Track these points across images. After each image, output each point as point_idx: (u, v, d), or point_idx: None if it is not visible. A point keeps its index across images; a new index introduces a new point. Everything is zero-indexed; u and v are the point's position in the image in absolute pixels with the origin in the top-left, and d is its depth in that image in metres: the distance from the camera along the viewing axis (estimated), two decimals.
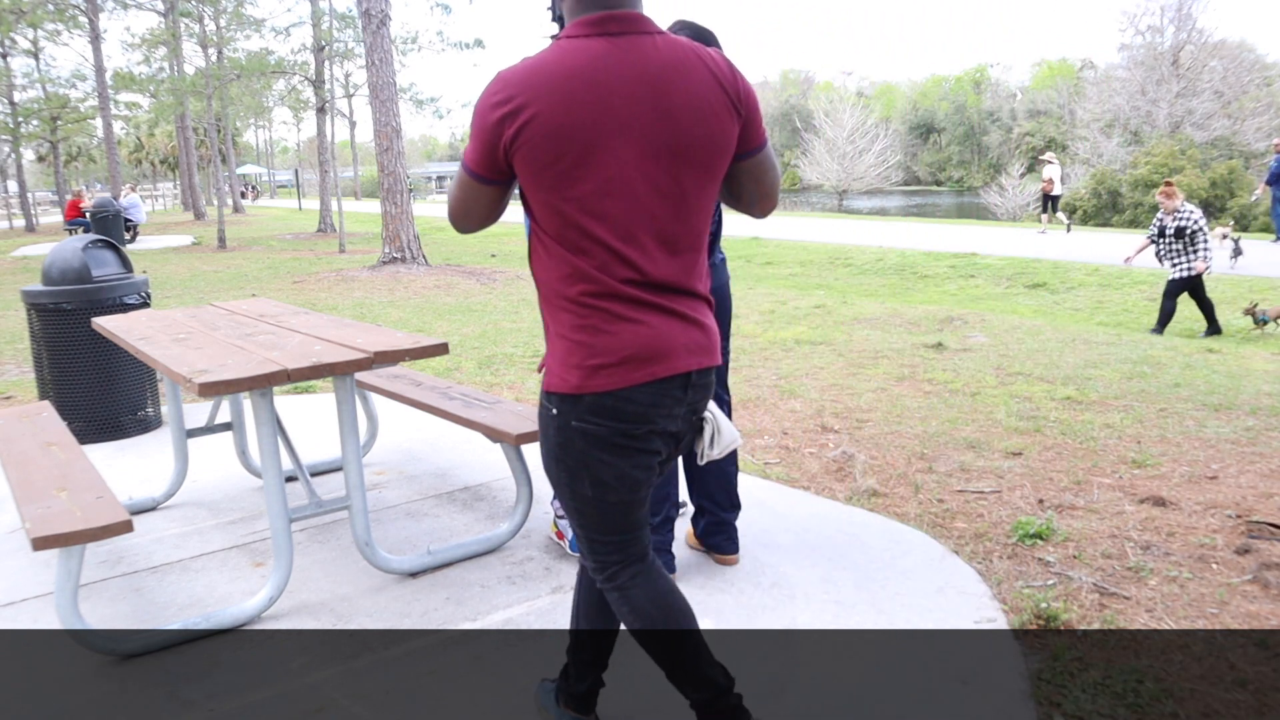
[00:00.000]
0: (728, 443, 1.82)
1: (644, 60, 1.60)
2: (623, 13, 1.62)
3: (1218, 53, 34.78)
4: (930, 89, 75.15)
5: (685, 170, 1.63)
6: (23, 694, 2.40)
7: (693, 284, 1.72)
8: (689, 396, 1.73)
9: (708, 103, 1.63)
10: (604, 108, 1.56)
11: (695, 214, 1.68)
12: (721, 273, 2.89)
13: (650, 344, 1.65)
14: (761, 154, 1.76)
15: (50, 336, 4.74)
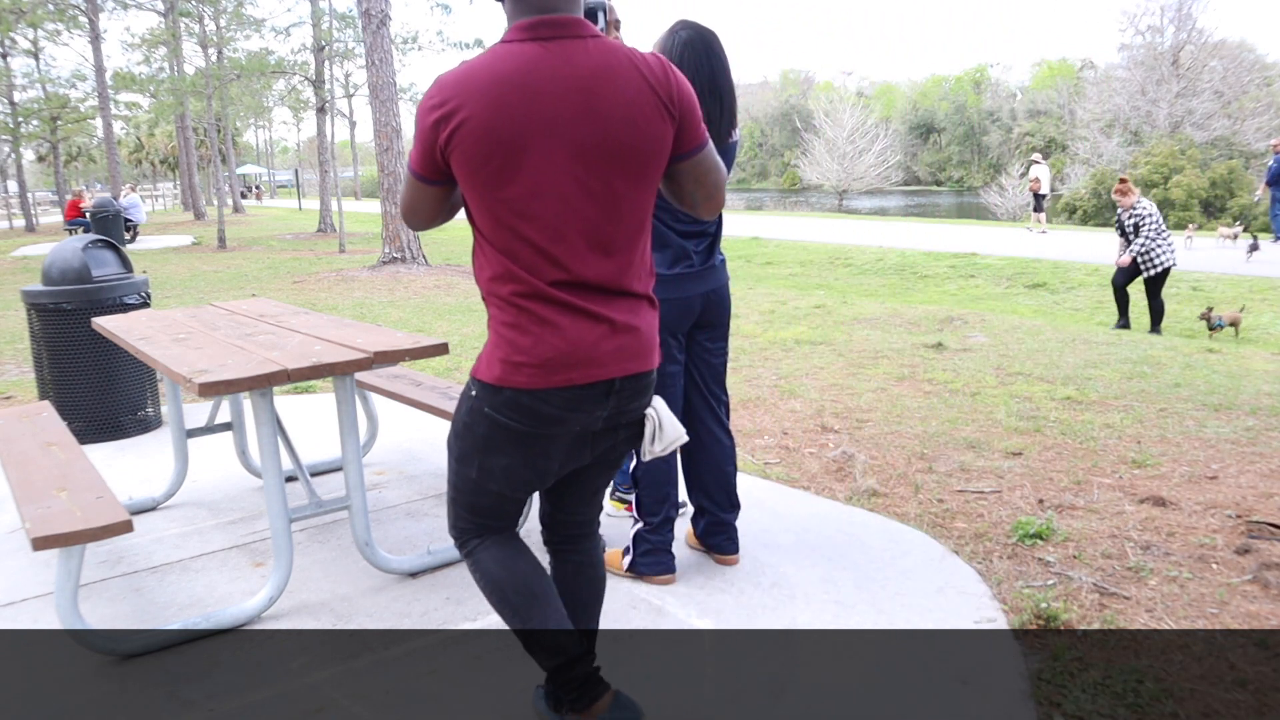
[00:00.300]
0: (670, 440, 1.84)
1: (574, 64, 1.63)
2: (555, 17, 1.65)
3: (1218, 53, 34.77)
4: (930, 89, 75.14)
5: (616, 172, 1.66)
6: (23, 694, 2.40)
7: (628, 285, 1.74)
8: (613, 402, 1.76)
9: (637, 106, 1.65)
10: (533, 111, 1.61)
11: (629, 216, 1.71)
12: (721, 273, 2.89)
13: (572, 349, 1.68)
14: (700, 155, 1.77)
15: (50, 336, 4.74)
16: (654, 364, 1.79)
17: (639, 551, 2.92)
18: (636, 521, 2.93)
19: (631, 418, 1.82)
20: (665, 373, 2.83)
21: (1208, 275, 11.19)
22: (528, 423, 1.72)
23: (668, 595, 2.84)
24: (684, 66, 2.67)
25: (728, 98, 2.72)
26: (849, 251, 15.44)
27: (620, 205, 1.68)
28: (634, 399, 1.79)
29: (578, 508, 1.98)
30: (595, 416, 1.75)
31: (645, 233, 1.76)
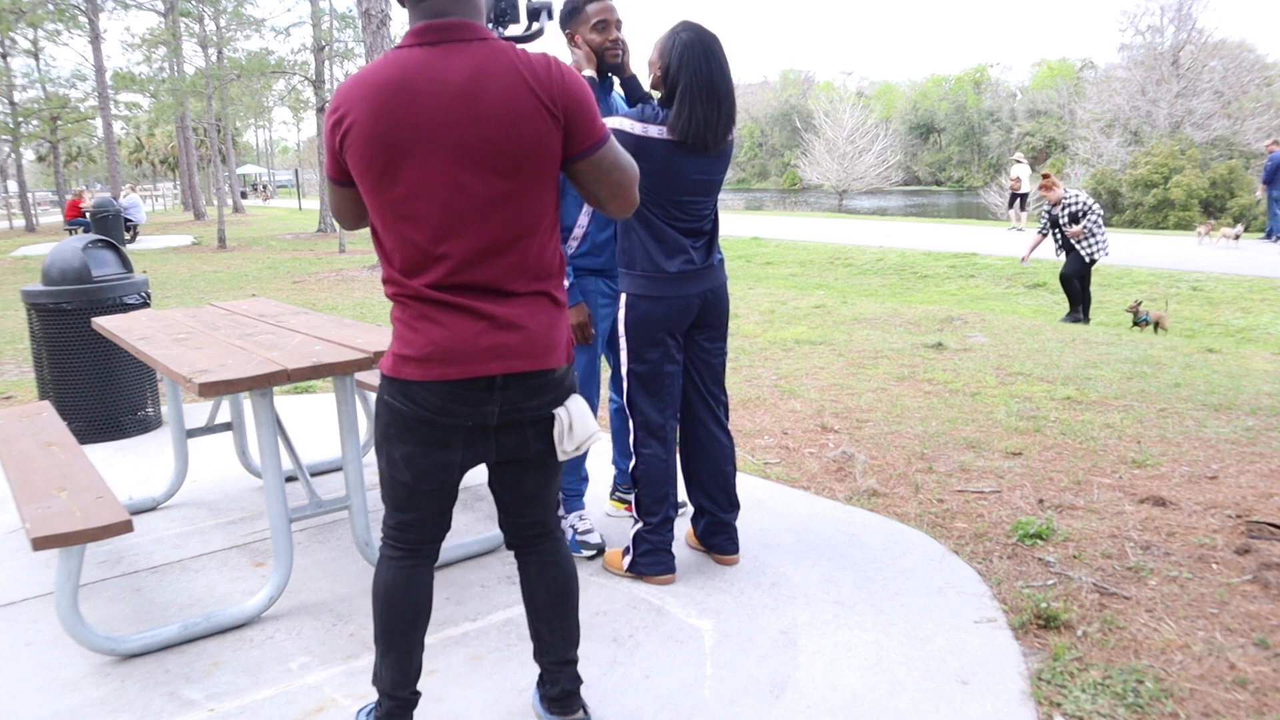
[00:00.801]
0: (580, 438, 1.86)
1: (455, 68, 1.67)
2: (441, 22, 1.70)
3: (1218, 53, 34.76)
4: (930, 89, 75.10)
5: (496, 174, 1.69)
6: (23, 694, 2.40)
7: (516, 284, 1.77)
8: (499, 398, 1.78)
9: (517, 109, 1.67)
10: (413, 115, 1.66)
11: (517, 216, 1.73)
12: (720, 273, 2.89)
13: (448, 346, 1.74)
14: (597, 154, 1.78)
15: (50, 336, 4.74)
16: (549, 364, 1.80)
17: (639, 551, 2.92)
18: (636, 521, 2.93)
19: (533, 416, 1.84)
20: (663, 372, 2.84)
21: (1207, 275, 11.19)
22: (418, 412, 1.79)
23: (668, 595, 2.84)
24: (682, 69, 2.67)
25: (725, 102, 2.71)
26: (849, 251, 15.44)
27: (504, 206, 1.71)
28: (528, 398, 1.81)
29: (523, 509, 1.99)
30: (484, 412, 1.79)
31: (540, 232, 1.77)
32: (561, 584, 2.05)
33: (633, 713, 2.23)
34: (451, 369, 1.74)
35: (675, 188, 2.72)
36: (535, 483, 1.96)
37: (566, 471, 3.19)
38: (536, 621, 2.07)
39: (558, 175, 1.78)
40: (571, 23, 2.95)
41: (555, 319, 1.83)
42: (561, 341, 1.84)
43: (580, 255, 3.04)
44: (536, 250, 1.78)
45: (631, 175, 1.84)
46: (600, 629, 2.64)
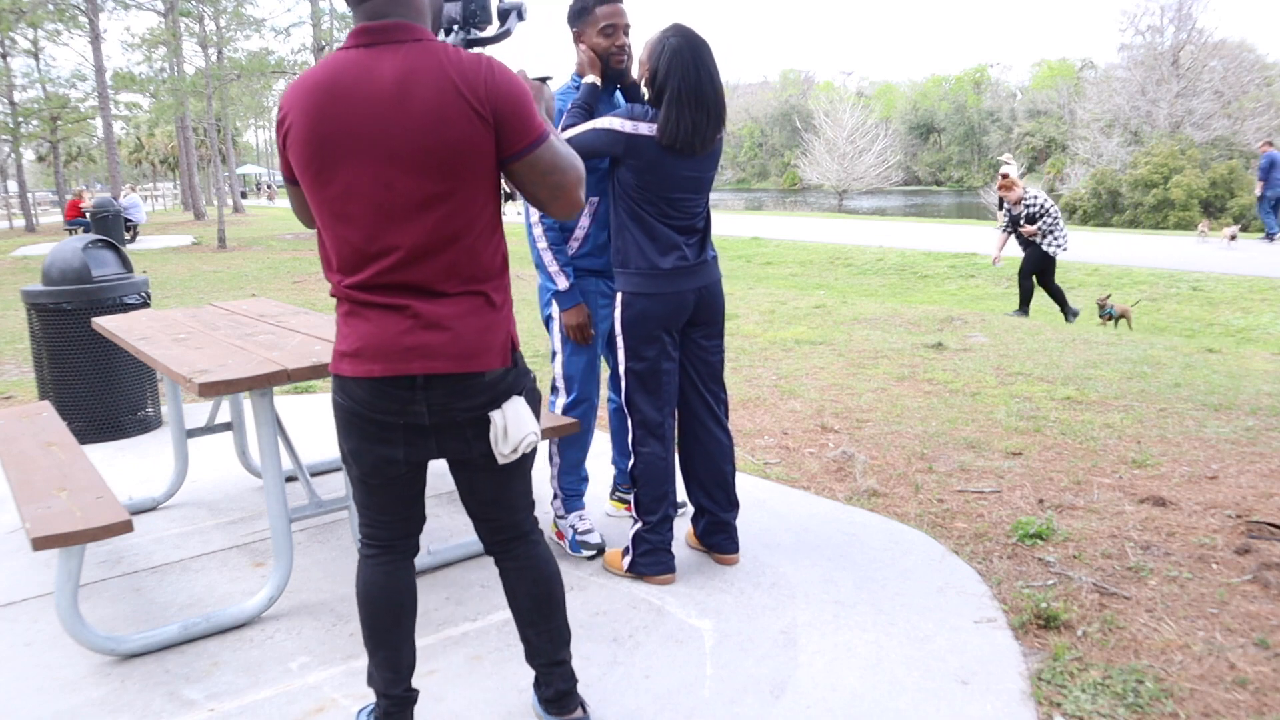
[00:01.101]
0: (515, 440, 1.83)
1: (386, 70, 1.68)
2: (377, 24, 1.71)
3: (1218, 53, 34.76)
4: (930, 89, 75.07)
5: (425, 176, 1.70)
6: (23, 694, 2.40)
7: (448, 285, 1.77)
8: (425, 397, 1.78)
9: (443, 111, 1.67)
10: (344, 117, 1.69)
11: (450, 219, 1.73)
12: (714, 269, 2.92)
13: (373, 343, 1.77)
14: (533, 155, 1.76)
15: (50, 336, 4.74)
16: (477, 366, 1.79)
17: (638, 551, 2.92)
18: (636, 521, 2.93)
19: (467, 417, 1.82)
20: (660, 369, 2.84)
21: (1207, 275, 11.19)
22: (354, 407, 1.83)
23: (668, 595, 2.84)
24: (670, 75, 2.68)
25: (714, 107, 2.73)
26: (849, 251, 15.44)
27: (436, 208, 1.71)
28: (457, 400, 1.80)
29: (488, 513, 1.99)
30: (412, 410, 1.80)
31: (476, 234, 1.77)
32: (542, 587, 2.04)
33: (633, 713, 2.23)
34: (376, 365, 1.77)
35: (666, 185, 2.74)
36: (491, 485, 1.95)
37: (566, 471, 3.19)
38: (523, 625, 2.07)
39: (494, 177, 1.78)
40: (579, 22, 2.94)
41: (490, 322, 1.82)
42: (496, 344, 1.82)
43: (581, 256, 3.04)
44: (472, 252, 1.78)
45: (573, 177, 1.82)
46: (600, 629, 2.64)
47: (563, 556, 3.16)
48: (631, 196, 2.76)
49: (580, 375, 3.09)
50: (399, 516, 1.98)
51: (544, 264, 2.99)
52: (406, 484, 1.93)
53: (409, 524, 2.00)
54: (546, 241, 2.97)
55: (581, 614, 2.74)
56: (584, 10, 2.91)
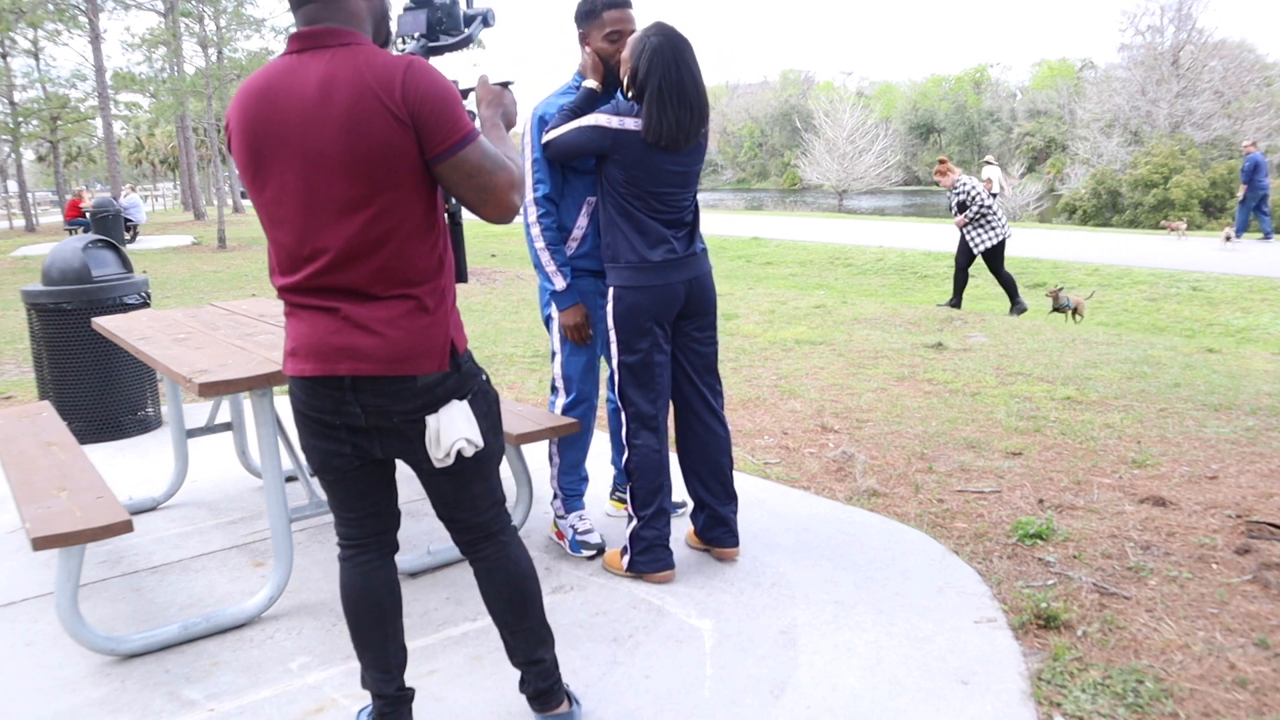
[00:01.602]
0: (447, 445, 1.80)
1: (311, 75, 1.70)
2: (308, 29, 1.74)
3: (1218, 53, 34.75)
4: (930, 89, 75.04)
5: (348, 180, 1.70)
6: (23, 694, 2.40)
7: (379, 290, 1.76)
8: (357, 399, 1.79)
9: (359, 114, 1.67)
10: (275, 122, 1.71)
11: (377, 222, 1.72)
12: (704, 261, 2.94)
13: (305, 343, 1.80)
14: (457, 156, 1.73)
15: (50, 336, 4.74)
16: (407, 370, 1.77)
17: (636, 550, 2.92)
18: (632, 519, 2.93)
19: (402, 420, 1.81)
20: (652, 362, 2.85)
21: (1207, 275, 11.19)
22: (298, 404, 1.86)
23: (668, 595, 2.84)
24: (651, 73, 2.70)
25: (696, 104, 2.75)
26: (849, 251, 15.44)
27: (361, 211, 1.71)
28: (390, 403, 1.79)
29: (451, 514, 1.98)
30: (346, 411, 1.81)
31: (406, 237, 1.75)
32: (514, 586, 2.02)
33: (633, 713, 2.23)
34: (308, 365, 1.79)
35: (653, 180, 2.77)
36: (447, 488, 1.93)
37: (565, 471, 3.19)
38: (498, 624, 2.05)
39: (424, 179, 1.75)
40: (586, 24, 2.94)
41: (423, 325, 1.79)
42: (432, 348, 1.80)
43: (579, 256, 3.04)
44: (403, 255, 1.76)
45: (502, 179, 1.77)
46: (600, 629, 2.64)
47: (563, 556, 3.16)
48: (619, 192, 2.79)
49: (579, 375, 3.09)
50: (365, 512, 1.98)
51: (541, 264, 2.99)
52: (362, 478, 1.93)
53: (379, 520, 2.00)
54: (544, 242, 2.97)
55: (581, 614, 2.74)
56: (591, 13, 2.91)
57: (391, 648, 2.02)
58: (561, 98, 3.00)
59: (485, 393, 1.93)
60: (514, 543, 2.04)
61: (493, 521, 2.00)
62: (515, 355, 6.88)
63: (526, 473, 3.23)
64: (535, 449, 4.17)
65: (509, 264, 14.54)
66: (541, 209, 2.96)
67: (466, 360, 1.88)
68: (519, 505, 3.23)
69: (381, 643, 2.01)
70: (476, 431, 1.84)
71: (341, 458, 1.88)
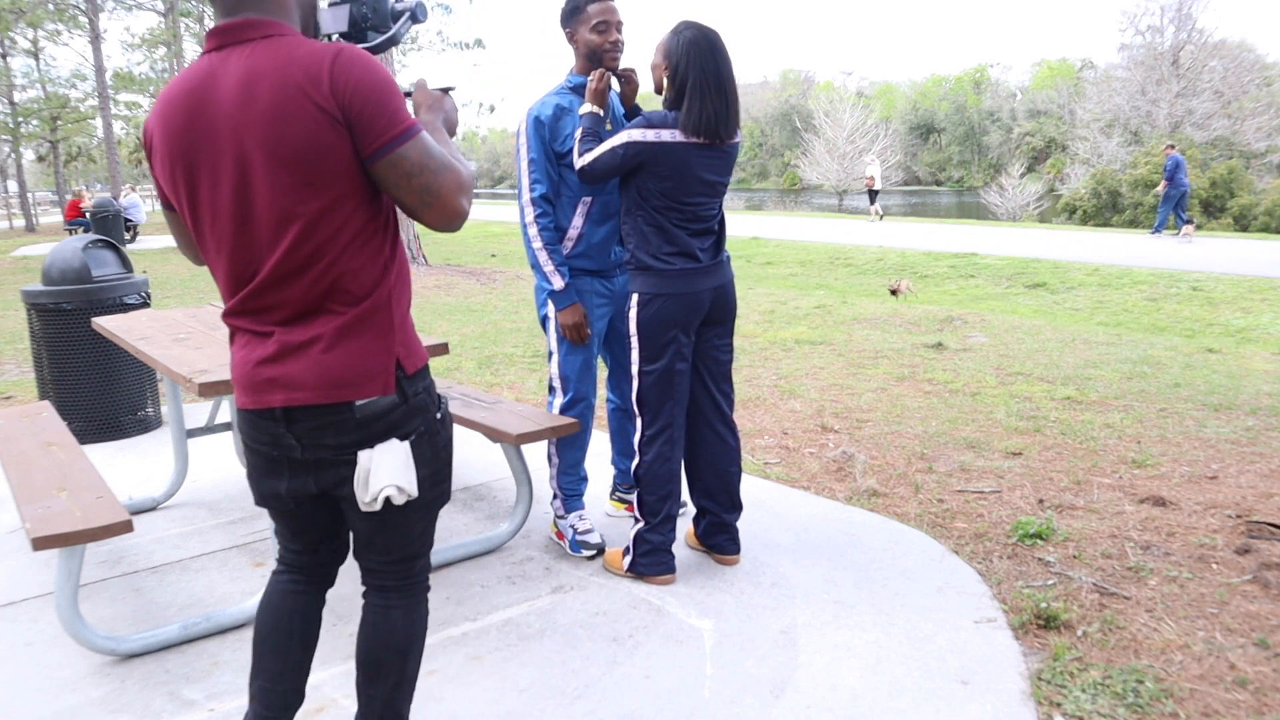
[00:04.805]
0: (375, 489, 1.61)
1: (231, 74, 1.52)
2: (227, 23, 1.56)
3: (1218, 53, 34.76)
4: (930, 89, 75.08)
5: (279, 188, 1.52)
6: (23, 694, 2.40)
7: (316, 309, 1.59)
8: (294, 430, 1.62)
9: (285, 111, 1.49)
10: (198, 130, 1.54)
11: (312, 233, 1.54)
12: (727, 270, 2.94)
13: (238, 375, 1.65)
14: (396, 153, 1.53)
15: (50, 336, 4.74)
16: (344, 397, 1.59)
17: (639, 552, 2.91)
18: (637, 521, 2.93)
19: (340, 455, 1.63)
20: (674, 370, 2.84)
21: (1207, 275, 11.19)
22: (241, 435, 1.73)
23: (668, 595, 2.84)
24: (690, 66, 2.69)
25: (732, 98, 2.75)
26: (849, 251, 15.44)
27: (294, 222, 1.53)
28: (324, 435, 1.61)
29: (359, 553, 1.79)
30: (284, 444, 1.64)
31: (343, 249, 1.57)
32: (374, 650, 1.79)
33: (633, 713, 2.23)
34: (243, 398, 1.63)
35: (685, 190, 2.76)
36: (362, 526, 1.73)
37: (565, 471, 3.19)
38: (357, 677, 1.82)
39: (362, 181, 1.56)
40: (572, 22, 2.95)
41: (365, 345, 1.60)
42: (374, 371, 1.60)
43: (576, 256, 3.04)
44: (344, 267, 1.57)
45: (447, 180, 1.57)
46: (600, 629, 2.64)
47: (563, 556, 3.16)
48: (651, 204, 2.77)
49: (576, 375, 3.09)
50: (308, 546, 1.84)
51: (539, 264, 3.00)
52: (307, 513, 1.78)
53: (319, 554, 1.85)
54: (541, 241, 2.97)
55: (581, 614, 2.74)
56: (576, 9, 2.92)
57: (285, 682, 1.82)
58: (556, 97, 3.00)
59: (434, 434, 1.71)
60: (401, 607, 1.79)
61: (390, 575, 1.79)
62: (515, 355, 6.89)
63: (526, 473, 3.24)
64: (535, 449, 4.17)
65: (509, 264, 14.53)
66: (539, 209, 2.96)
67: (419, 389, 1.68)
68: (519, 505, 3.23)
69: (276, 673, 1.81)
70: (412, 479, 1.64)
71: (278, 495, 1.72)
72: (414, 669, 1.82)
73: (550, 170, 2.97)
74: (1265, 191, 25.58)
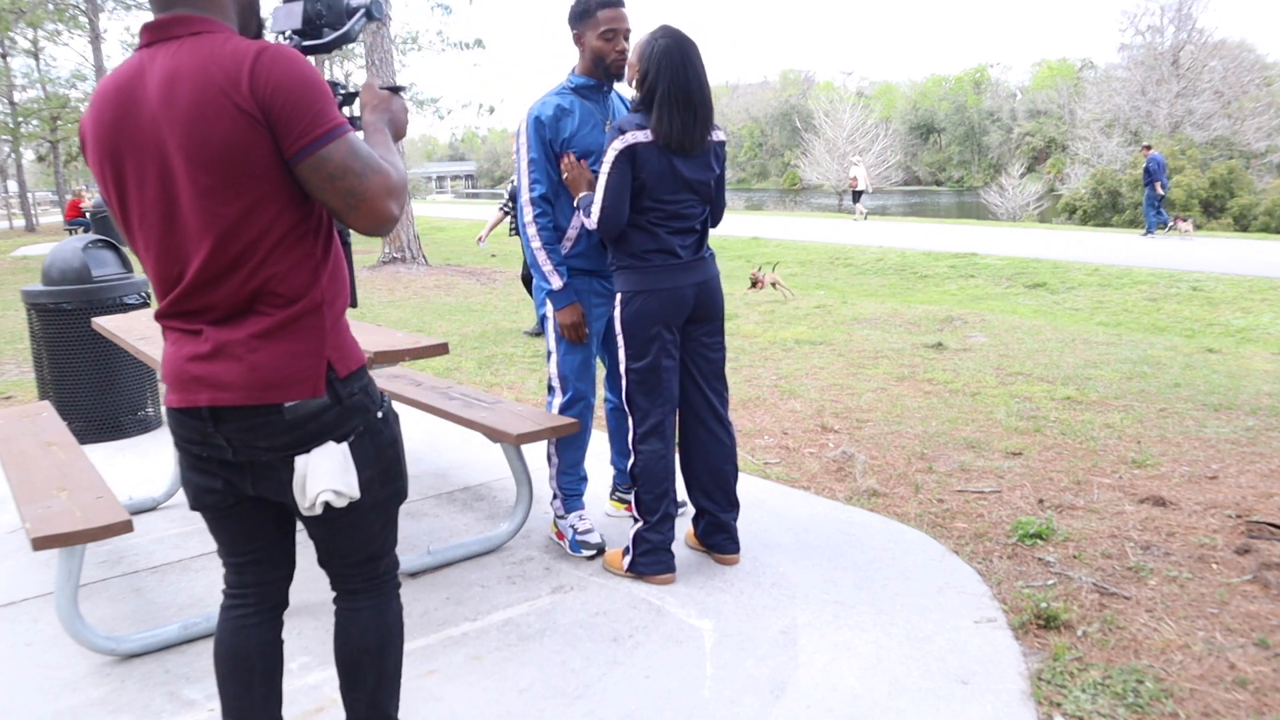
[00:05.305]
0: (311, 495, 1.59)
1: (157, 72, 1.50)
2: (160, 18, 1.53)
3: (1218, 53, 34.76)
4: (930, 89, 75.05)
5: (201, 189, 1.49)
6: (23, 694, 2.40)
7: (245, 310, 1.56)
8: (222, 430, 1.59)
9: (204, 111, 1.46)
10: (123, 130, 1.52)
11: (237, 234, 1.52)
12: (711, 266, 2.95)
13: (167, 370, 1.62)
14: (318, 155, 1.49)
15: (50, 336, 4.74)
16: (274, 398, 1.56)
17: (639, 551, 2.92)
18: (636, 521, 2.93)
19: (274, 457, 1.61)
20: (660, 367, 2.84)
21: (1207, 275, 11.19)
22: (173, 435, 1.69)
23: (668, 595, 2.84)
24: (660, 76, 2.71)
25: (701, 109, 2.76)
26: (849, 251, 15.44)
27: (219, 223, 1.51)
28: (256, 437, 1.59)
29: (322, 558, 1.78)
30: (214, 445, 1.62)
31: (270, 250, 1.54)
32: (350, 653, 1.79)
33: (633, 713, 2.23)
34: (172, 395, 1.61)
35: (664, 188, 2.77)
36: (318, 532, 1.72)
37: (564, 471, 3.19)
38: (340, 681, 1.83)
39: (288, 183, 1.53)
40: (580, 24, 2.95)
41: (294, 350, 1.57)
42: (302, 373, 1.57)
43: (574, 255, 3.04)
44: (272, 269, 1.55)
45: (375, 183, 1.53)
46: (600, 629, 2.64)
47: (563, 556, 3.16)
48: (632, 204, 2.78)
49: (574, 375, 3.10)
50: (248, 557, 1.78)
51: (538, 263, 3.00)
52: (244, 518, 1.73)
53: (261, 568, 1.79)
54: (540, 241, 2.98)
55: (581, 614, 2.74)
56: (586, 13, 2.92)
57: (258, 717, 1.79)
58: (557, 97, 3.00)
59: (376, 433, 1.68)
60: (371, 609, 1.80)
61: (355, 578, 1.78)
62: (515, 355, 6.89)
63: (526, 473, 3.24)
64: (535, 449, 4.17)
65: (509, 264, 14.53)
66: (538, 209, 2.97)
67: (354, 390, 1.65)
68: (519, 505, 3.23)
69: (243, 711, 1.78)
70: (351, 481, 1.62)
71: (214, 494, 1.68)
72: (393, 667, 1.82)
73: (550, 170, 2.97)
74: (1265, 191, 25.59)
